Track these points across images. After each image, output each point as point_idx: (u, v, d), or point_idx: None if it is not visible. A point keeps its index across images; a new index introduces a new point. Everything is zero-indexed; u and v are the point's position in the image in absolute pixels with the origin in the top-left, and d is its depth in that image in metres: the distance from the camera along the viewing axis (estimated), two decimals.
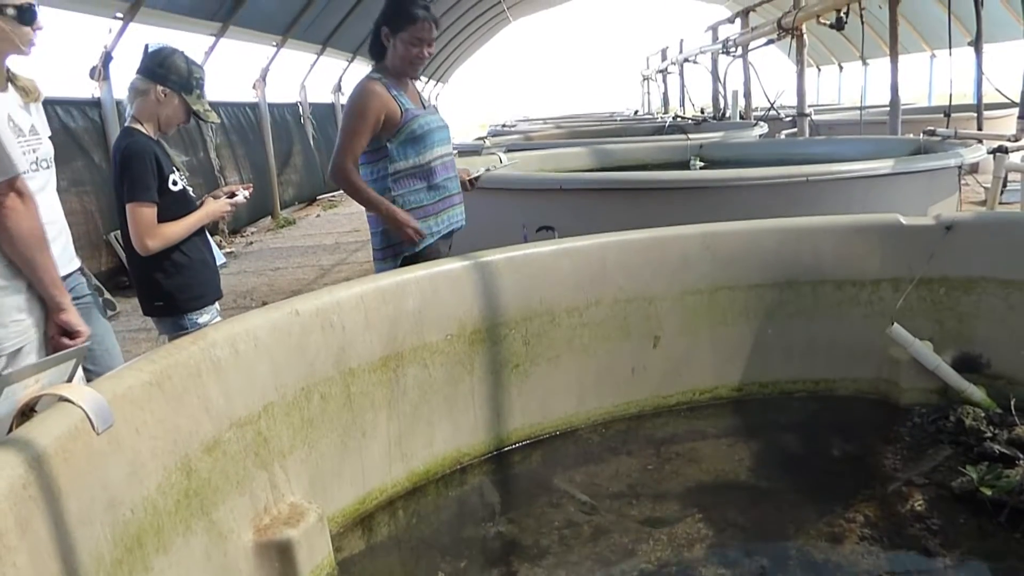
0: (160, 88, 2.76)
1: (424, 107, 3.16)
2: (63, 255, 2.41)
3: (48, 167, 2.42)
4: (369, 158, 3.04)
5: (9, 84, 2.28)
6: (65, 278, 2.49)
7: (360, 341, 2.27)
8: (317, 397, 2.15)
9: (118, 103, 7.99)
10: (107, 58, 7.75)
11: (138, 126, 2.78)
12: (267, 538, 1.88)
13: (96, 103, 7.77)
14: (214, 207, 2.96)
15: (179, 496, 1.68)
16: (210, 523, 1.76)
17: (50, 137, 2.45)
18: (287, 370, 2.07)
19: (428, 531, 2.29)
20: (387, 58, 3.03)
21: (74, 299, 2.43)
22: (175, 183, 2.80)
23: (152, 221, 2.71)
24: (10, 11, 2.14)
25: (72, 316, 2.13)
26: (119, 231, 7.57)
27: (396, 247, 3.05)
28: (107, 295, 7.20)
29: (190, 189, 2.92)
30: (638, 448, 2.68)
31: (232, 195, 3.03)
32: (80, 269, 2.61)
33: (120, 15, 7.45)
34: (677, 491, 2.39)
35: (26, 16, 2.18)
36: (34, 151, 2.32)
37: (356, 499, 2.28)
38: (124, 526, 1.52)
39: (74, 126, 7.41)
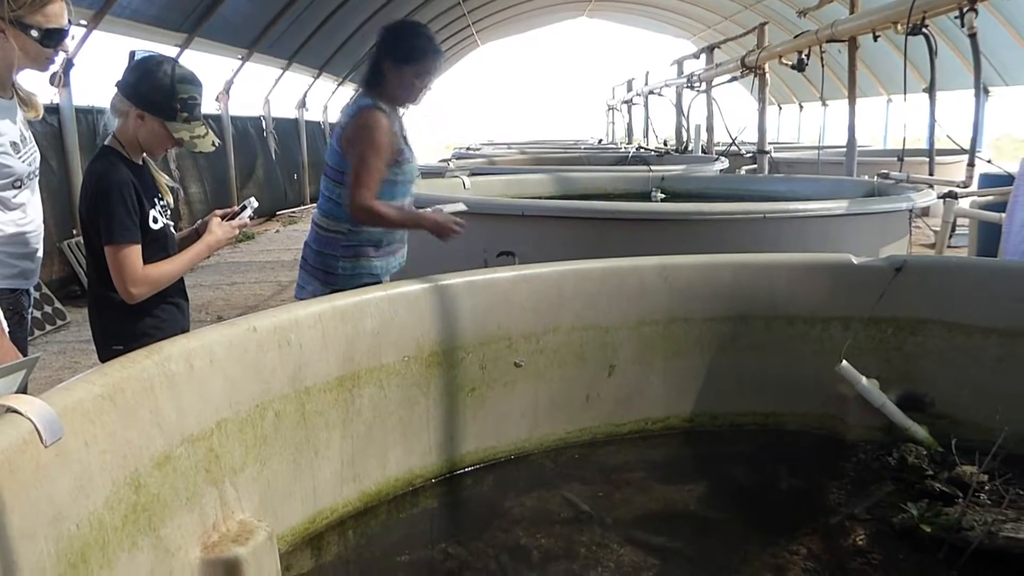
0: (136, 111, 2.38)
1: (409, 147, 3.14)
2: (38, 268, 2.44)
3: (37, 175, 2.44)
4: (340, 178, 3.00)
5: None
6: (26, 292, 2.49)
7: (317, 360, 2.27)
8: (271, 415, 2.14)
9: (78, 110, 7.90)
10: (68, 64, 7.64)
11: (118, 147, 2.44)
12: (215, 555, 1.86)
13: (55, 109, 7.66)
14: (219, 235, 2.56)
15: (127, 511, 1.66)
16: (157, 539, 1.74)
17: None
18: (242, 387, 2.06)
19: (378, 552, 2.28)
20: (386, 86, 2.99)
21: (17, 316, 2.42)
22: (155, 220, 2.45)
23: (136, 265, 2.36)
24: (34, 33, 2.15)
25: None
26: (74, 239, 7.47)
27: (332, 276, 3.01)
28: (57, 304, 7.06)
29: (171, 224, 2.58)
30: (590, 475, 2.70)
31: (233, 215, 2.64)
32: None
33: (84, 22, 7.40)
34: (626, 519, 2.41)
35: (50, 39, 2.18)
36: (33, 161, 2.35)
37: (307, 518, 2.27)
38: (69, 541, 1.49)
39: (32, 131, 7.29)
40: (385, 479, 2.50)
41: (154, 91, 2.37)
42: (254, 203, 2.68)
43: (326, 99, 19.03)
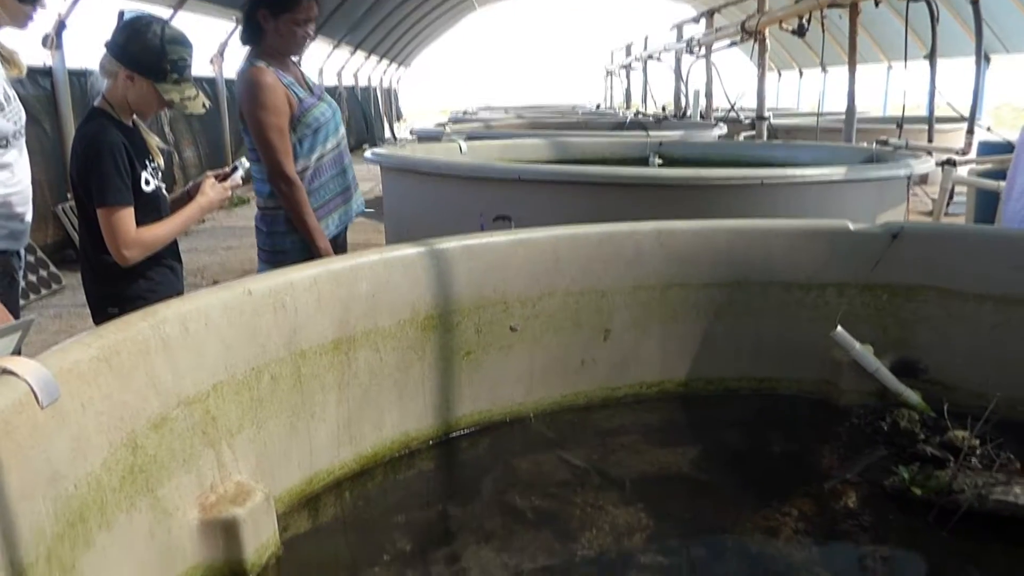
0: (126, 72, 2.37)
1: (312, 92, 3.02)
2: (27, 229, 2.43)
3: (23, 134, 2.42)
4: (255, 156, 2.92)
5: None
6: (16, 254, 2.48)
7: (312, 323, 2.27)
8: (267, 378, 2.15)
9: (70, 72, 7.83)
10: (60, 26, 7.59)
11: (108, 109, 2.42)
12: (212, 516, 1.88)
13: (47, 72, 7.59)
14: (211, 197, 2.56)
15: (124, 472, 1.67)
16: (155, 500, 1.76)
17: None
18: (237, 350, 2.07)
19: (374, 513, 2.31)
20: (265, 40, 2.89)
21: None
22: (147, 182, 2.44)
23: (130, 227, 2.36)
24: None
25: None
26: (68, 203, 7.43)
27: (282, 255, 2.98)
28: (52, 268, 7.07)
29: (163, 187, 2.57)
30: (585, 438, 2.72)
31: (225, 176, 2.64)
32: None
33: None
34: (620, 482, 2.44)
35: None
36: (19, 120, 2.33)
37: (303, 480, 2.29)
38: (67, 501, 1.50)
39: (24, 94, 7.19)
40: (381, 441, 2.51)
41: (143, 52, 2.34)
42: (245, 163, 2.68)
43: (321, 61, 18.87)
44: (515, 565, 2.01)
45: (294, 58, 3.02)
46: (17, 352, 1.63)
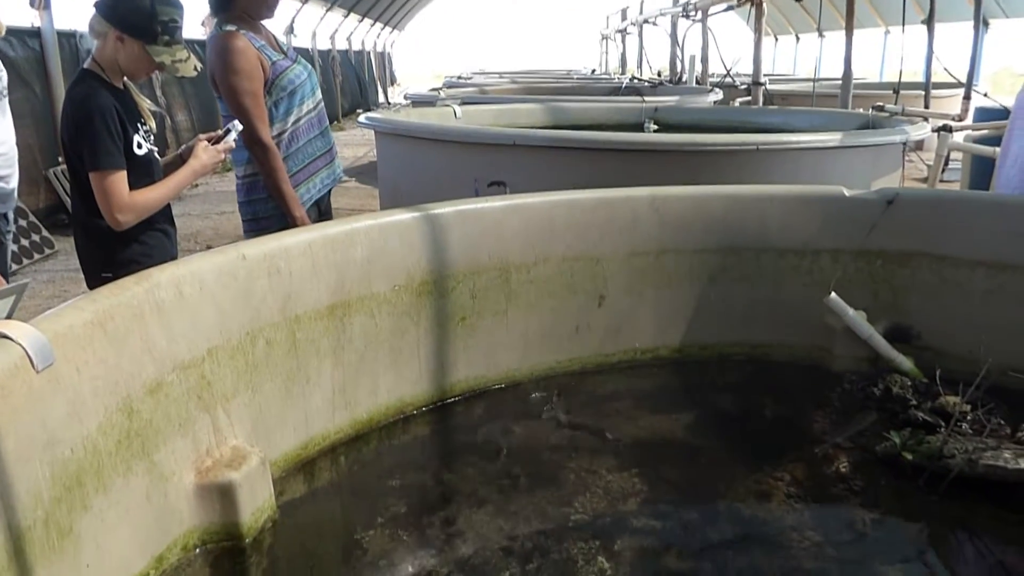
0: (115, 33, 2.33)
1: (285, 54, 2.97)
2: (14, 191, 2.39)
3: (5, 95, 2.37)
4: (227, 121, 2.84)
5: None
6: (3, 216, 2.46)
7: (307, 288, 2.27)
8: (262, 342, 2.15)
9: (60, 34, 7.72)
10: None
11: (98, 71, 2.39)
12: (209, 480, 1.89)
13: (36, 33, 7.49)
14: (204, 160, 2.52)
15: (120, 436, 1.68)
16: (151, 464, 1.77)
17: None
18: (232, 314, 2.06)
19: (369, 477, 2.32)
20: (237, 5, 2.85)
21: None
22: (139, 145, 2.42)
23: (123, 191, 2.34)
24: None
25: None
26: (60, 167, 7.37)
27: (264, 221, 2.96)
28: (45, 233, 7.02)
29: (156, 150, 2.55)
30: (579, 404, 2.73)
31: (218, 140, 2.60)
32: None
33: None
34: (614, 447, 2.45)
35: None
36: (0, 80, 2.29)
37: (299, 444, 2.30)
38: (63, 465, 1.51)
39: (13, 56, 7.13)
40: (376, 407, 2.52)
41: (133, 13, 2.30)
42: (238, 126, 2.64)
43: (314, 25, 18.66)
44: (509, 529, 2.03)
45: (265, 22, 2.98)
46: (10, 317, 1.63)
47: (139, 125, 2.47)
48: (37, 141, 7.31)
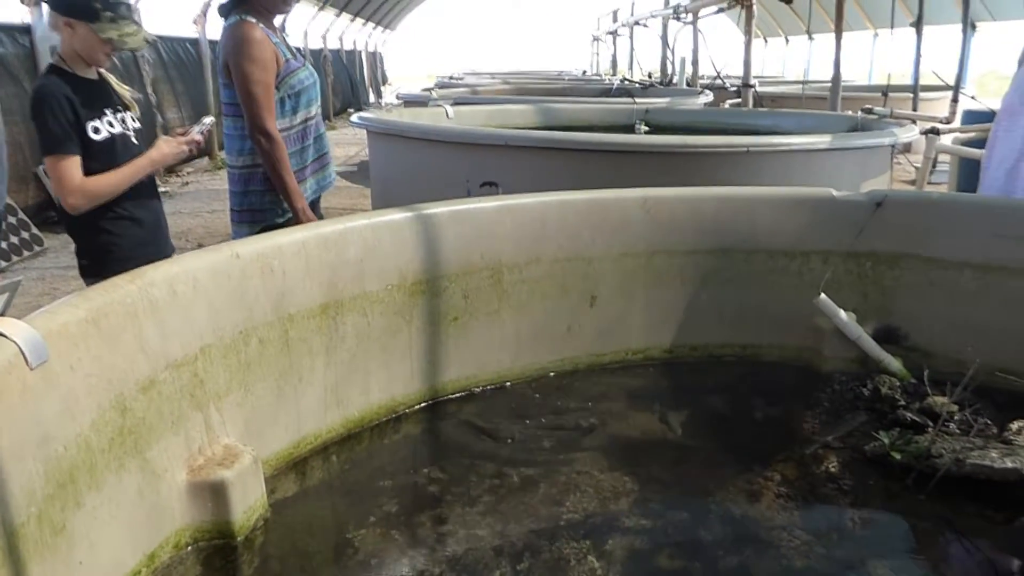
0: (63, 20, 2.37)
1: (295, 57, 3.01)
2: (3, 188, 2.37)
3: None
4: (238, 111, 2.90)
5: None
6: None
7: (300, 287, 2.27)
8: (255, 341, 2.15)
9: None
10: None
11: (60, 63, 2.45)
12: (201, 478, 1.89)
13: (26, 29, 7.45)
14: (164, 151, 2.57)
15: (113, 434, 1.68)
16: (144, 462, 1.77)
17: None
18: (225, 313, 2.07)
19: (361, 477, 2.32)
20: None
21: None
22: (96, 131, 2.43)
23: (72, 175, 2.36)
24: None
25: None
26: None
27: (258, 213, 2.97)
28: (34, 230, 6.99)
29: (131, 134, 2.57)
30: (570, 404, 2.74)
31: (185, 134, 2.68)
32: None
33: None
34: (605, 447, 2.46)
35: None
36: None
37: (291, 443, 2.30)
38: (57, 462, 1.51)
39: (3, 52, 7.10)
40: (368, 406, 2.53)
41: None
42: (209, 120, 2.71)
43: (306, 24, 18.62)
44: (501, 529, 2.03)
45: (276, 23, 3.00)
46: (3, 314, 1.63)
47: (106, 111, 2.48)
48: (26, 138, 7.26)
